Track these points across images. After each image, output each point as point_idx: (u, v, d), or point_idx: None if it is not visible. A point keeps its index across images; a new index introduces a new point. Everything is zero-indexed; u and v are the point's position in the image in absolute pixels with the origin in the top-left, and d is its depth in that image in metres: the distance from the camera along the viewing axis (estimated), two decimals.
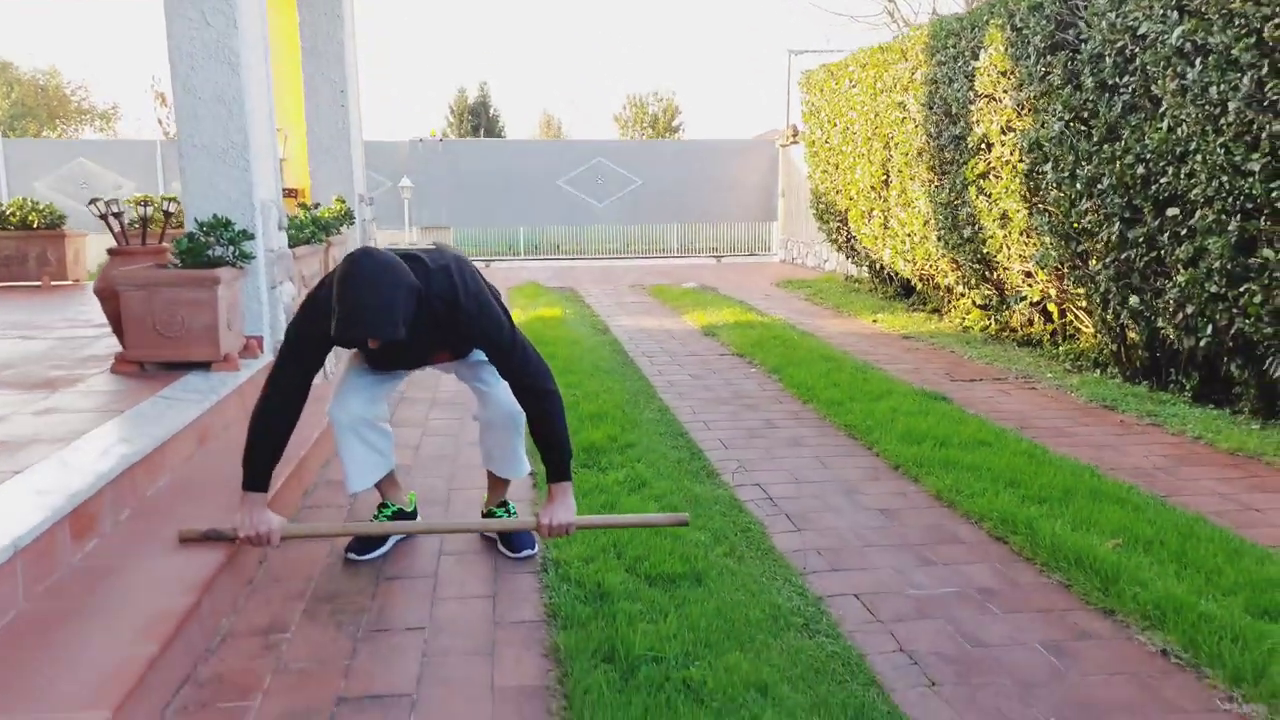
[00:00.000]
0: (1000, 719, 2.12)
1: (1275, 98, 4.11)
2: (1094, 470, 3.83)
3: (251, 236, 4.22)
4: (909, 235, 8.50)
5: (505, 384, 2.88)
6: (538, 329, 7.62)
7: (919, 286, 9.10)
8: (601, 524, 2.88)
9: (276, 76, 5.17)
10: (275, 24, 5.67)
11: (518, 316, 2.84)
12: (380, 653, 2.40)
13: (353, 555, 2.94)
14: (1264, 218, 4.30)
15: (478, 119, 39.83)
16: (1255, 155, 4.25)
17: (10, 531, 2.12)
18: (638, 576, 2.78)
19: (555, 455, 2.71)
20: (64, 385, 3.81)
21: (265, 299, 4.51)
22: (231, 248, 4.15)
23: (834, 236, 11.17)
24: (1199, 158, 4.59)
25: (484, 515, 3.17)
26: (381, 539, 2.99)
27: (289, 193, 7.43)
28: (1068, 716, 2.12)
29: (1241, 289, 4.50)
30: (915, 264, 8.66)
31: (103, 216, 4.39)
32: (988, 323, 7.66)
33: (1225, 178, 4.43)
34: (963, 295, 8.15)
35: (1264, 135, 4.19)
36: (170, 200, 4.61)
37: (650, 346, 7.33)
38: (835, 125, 10.22)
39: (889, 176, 8.90)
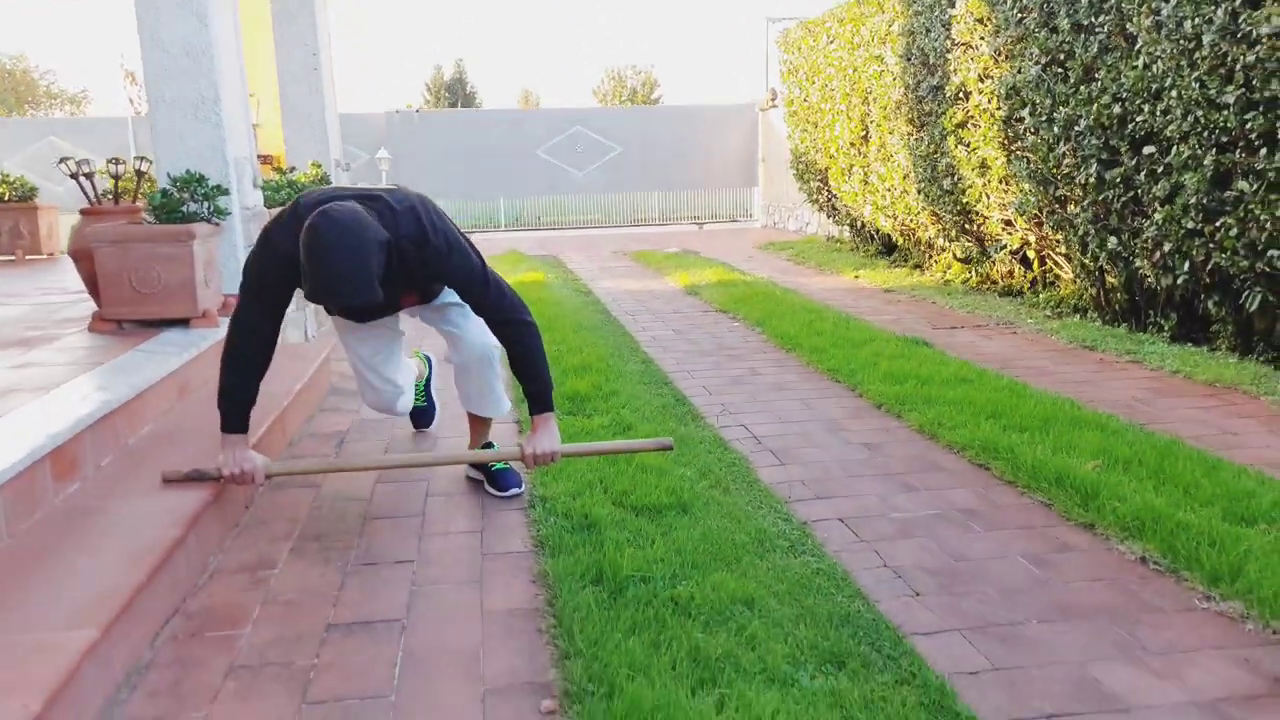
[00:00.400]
0: (983, 621, 2.15)
1: (1249, 29, 4.12)
2: (1074, 402, 3.87)
3: (226, 192, 4.17)
4: (889, 190, 8.50)
5: (475, 323, 2.91)
6: (519, 293, 7.58)
7: (900, 242, 9.12)
8: (586, 451, 2.89)
9: (247, 41, 5.10)
10: None
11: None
12: (369, 584, 2.40)
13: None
14: (1239, 150, 4.32)
15: (455, 96, 39.49)
16: (1230, 88, 4.26)
17: None
18: (624, 508, 2.80)
19: (536, 387, 2.70)
20: (40, 344, 3.77)
21: (241, 256, 4.47)
22: (206, 203, 4.10)
23: (815, 196, 11.16)
24: (1174, 93, 4.60)
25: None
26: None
27: (264, 159, 7.35)
28: (1049, 618, 2.16)
29: (1217, 224, 4.53)
30: (896, 219, 8.67)
31: (73, 176, 4.32)
32: (969, 275, 7.69)
33: (1200, 112, 4.45)
34: (944, 249, 8.17)
35: (1238, 67, 4.21)
36: (142, 159, 4.54)
37: (633, 306, 7.32)
38: (814, 83, 10.18)
39: (868, 132, 8.88)
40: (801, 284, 8.24)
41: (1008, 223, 6.77)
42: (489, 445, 3.17)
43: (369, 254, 2.30)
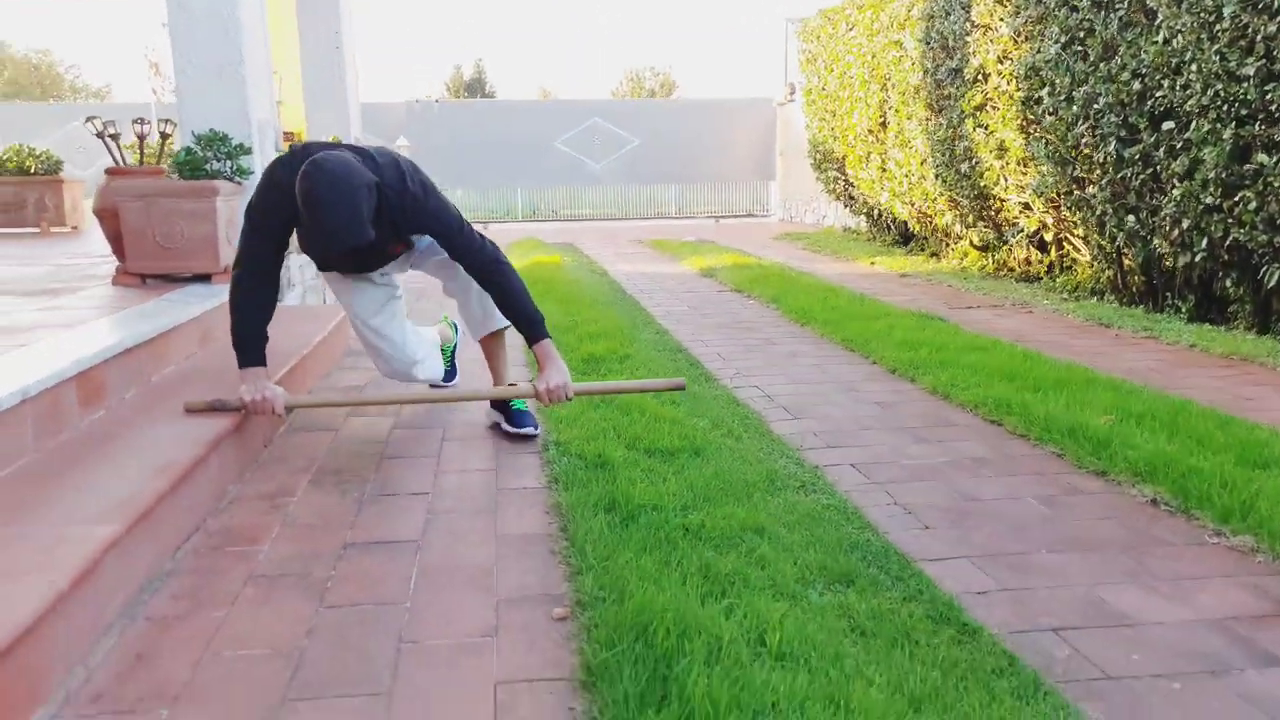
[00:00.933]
0: (992, 551, 2.16)
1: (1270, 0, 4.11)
2: (1088, 368, 3.87)
3: (249, 151, 4.23)
4: (906, 176, 8.50)
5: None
6: (536, 273, 7.63)
7: (917, 230, 9.11)
8: (599, 390, 2.92)
9: (272, 18, 5.16)
10: None
11: (515, 264, 2.94)
12: (385, 512, 2.44)
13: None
14: (1259, 122, 4.31)
15: (474, 95, 39.73)
16: (1250, 59, 4.25)
17: (19, 381, 2.15)
18: (637, 451, 2.82)
19: (525, 321, 2.78)
20: (65, 294, 3.84)
21: None
22: (229, 162, 4.16)
23: (831, 186, 11.16)
24: (1194, 67, 4.59)
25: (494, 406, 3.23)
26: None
27: (286, 135, 7.41)
28: (1058, 549, 2.17)
29: (1236, 198, 4.52)
30: (913, 205, 8.66)
31: (99, 135, 4.39)
32: (985, 262, 7.68)
33: (1221, 85, 4.44)
34: (960, 237, 8.16)
35: (1259, 38, 4.19)
36: (167, 121, 4.61)
37: (648, 286, 7.35)
38: (832, 71, 10.19)
39: (886, 118, 8.88)
40: (817, 269, 8.25)
41: (1025, 205, 6.75)
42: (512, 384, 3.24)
43: (359, 195, 2.43)
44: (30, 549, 1.67)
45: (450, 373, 3.74)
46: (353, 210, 2.40)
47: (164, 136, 4.55)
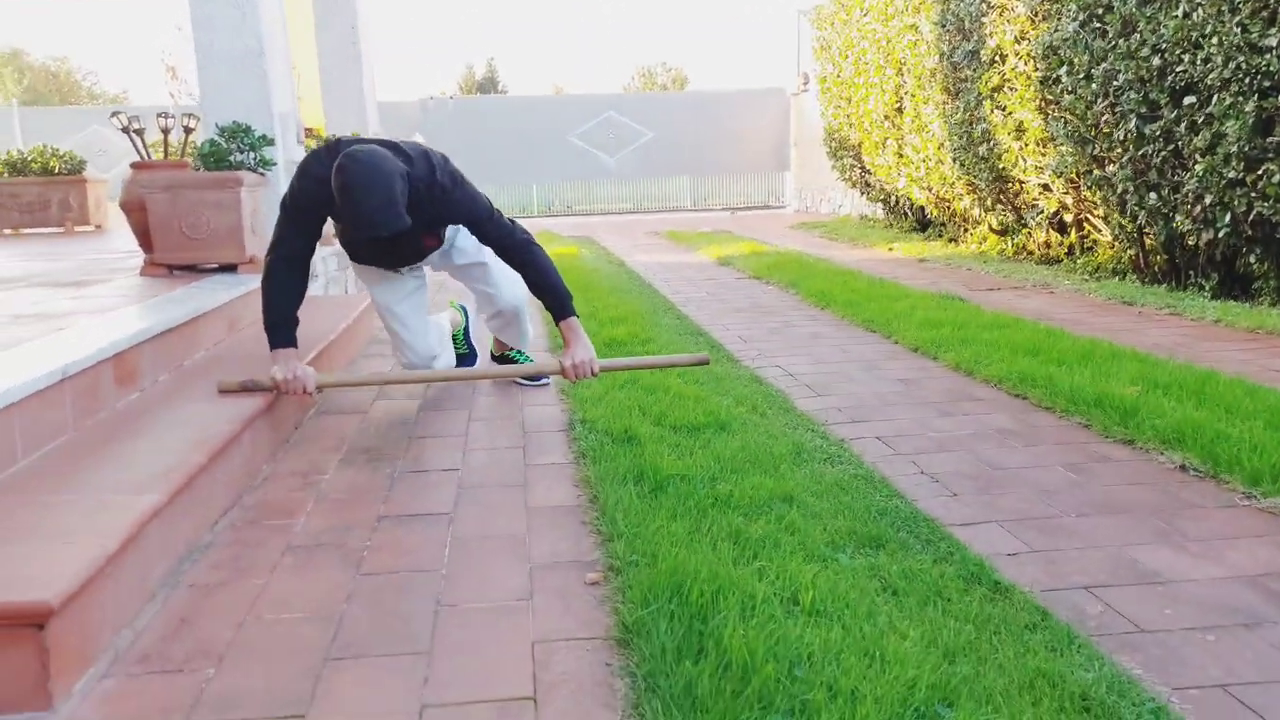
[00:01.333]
0: (1021, 515, 2.17)
1: None
2: (1112, 343, 3.86)
3: (271, 142, 4.27)
4: (924, 161, 8.47)
5: (506, 280, 3.20)
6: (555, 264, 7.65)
7: (935, 215, 9.08)
8: (624, 365, 2.94)
9: (289, 14, 5.20)
10: None
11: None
12: (416, 486, 2.47)
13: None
14: None
15: (486, 94, 39.88)
16: (1273, 30, 4.22)
17: (59, 360, 2.20)
18: (663, 427, 2.85)
19: (554, 299, 2.86)
20: (95, 284, 3.89)
21: None
22: (252, 153, 4.20)
23: (847, 174, 11.14)
24: (1215, 40, 4.55)
25: (496, 357, 3.55)
26: None
27: (305, 131, 7.47)
28: (1087, 513, 2.17)
29: (1259, 171, 4.48)
30: (931, 191, 8.64)
31: (125, 130, 4.45)
32: (1005, 246, 7.65)
33: (1242, 58, 4.40)
34: (979, 221, 8.12)
35: None
36: (190, 116, 4.66)
37: (666, 275, 7.37)
38: (847, 58, 10.16)
39: (901, 103, 8.85)
40: (834, 255, 8.24)
41: (1045, 187, 6.72)
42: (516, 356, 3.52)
43: (394, 185, 2.53)
44: (78, 515, 1.71)
45: (470, 356, 3.79)
46: (388, 197, 2.50)
47: (187, 131, 4.60)
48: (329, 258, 5.61)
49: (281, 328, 2.71)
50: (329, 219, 2.81)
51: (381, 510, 2.30)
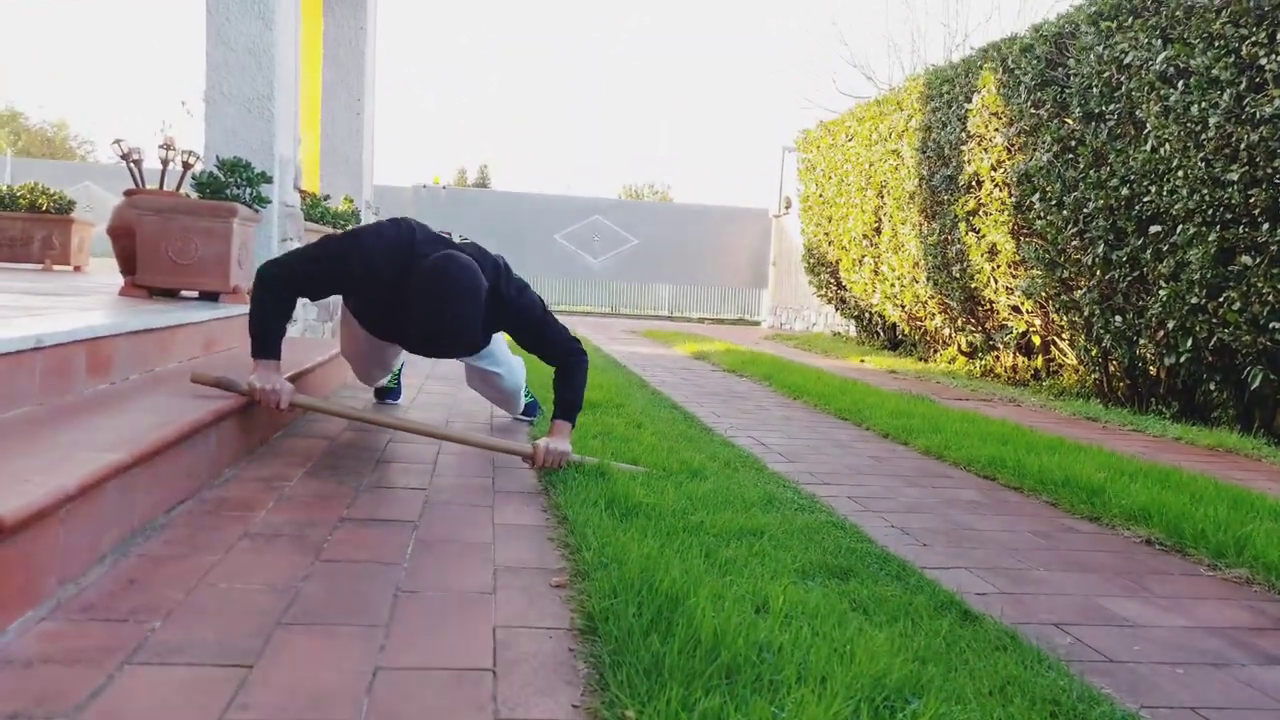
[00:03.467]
0: (991, 565, 2.16)
1: (1253, 111, 4.36)
2: (1079, 443, 3.92)
3: (269, 180, 4.33)
4: (898, 279, 8.72)
5: (512, 367, 3.40)
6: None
7: (907, 331, 9.29)
8: (595, 464, 2.89)
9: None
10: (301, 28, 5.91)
11: (512, 344, 3.23)
12: (381, 498, 2.42)
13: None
14: (1242, 225, 4.50)
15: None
16: (1234, 166, 4.48)
17: (35, 328, 2.17)
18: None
19: (570, 396, 2.88)
20: (74, 296, 3.86)
21: (275, 249, 4.61)
22: (249, 189, 4.25)
23: (824, 290, 11.42)
24: (1180, 174, 4.82)
25: None
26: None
27: (301, 194, 7.58)
28: (1056, 569, 2.17)
29: (1221, 299, 4.67)
30: (904, 308, 8.86)
31: (123, 157, 4.50)
32: (972, 367, 7.82)
33: (1206, 190, 4.65)
34: (949, 341, 8.32)
35: (1242, 146, 4.43)
36: (190, 152, 4.73)
37: (643, 363, 7.42)
38: (830, 179, 10.57)
39: (880, 224, 9.18)
40: (807, 361, 8.36)
41: (1015, 308, 6.93)
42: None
43: (480, 300, 2.50)
44: (41, 463, 1.66)
45: (396, 390, 3.99)
46: (472, 315, 2.46)
47: (186, 166, 4.66)
48: (309, 306, 5.62)
49: (269, 337, 2.66)
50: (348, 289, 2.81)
51: (345, 514, 2.24)
